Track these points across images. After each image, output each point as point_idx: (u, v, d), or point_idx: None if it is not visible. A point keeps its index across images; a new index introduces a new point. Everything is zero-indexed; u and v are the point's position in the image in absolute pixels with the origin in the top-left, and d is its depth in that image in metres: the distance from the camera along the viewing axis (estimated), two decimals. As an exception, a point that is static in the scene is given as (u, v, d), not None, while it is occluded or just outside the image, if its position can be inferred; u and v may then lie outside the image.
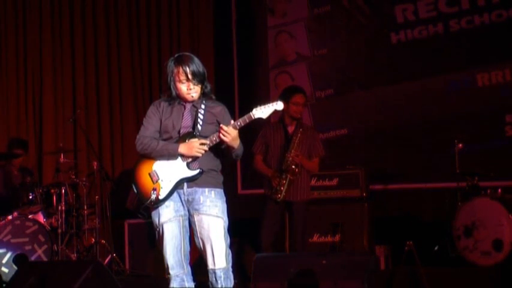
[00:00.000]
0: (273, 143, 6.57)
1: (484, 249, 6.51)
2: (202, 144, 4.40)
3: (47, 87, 8.60)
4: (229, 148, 4.45)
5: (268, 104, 4.41)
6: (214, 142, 4.42)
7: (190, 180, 4.46)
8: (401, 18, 7.99)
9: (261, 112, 4.40)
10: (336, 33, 8.37)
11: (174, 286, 4.50)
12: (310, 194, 6.70)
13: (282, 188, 6.38)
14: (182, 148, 4.44)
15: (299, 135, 6.47)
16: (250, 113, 4.39)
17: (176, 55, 4.54)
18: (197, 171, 4.45)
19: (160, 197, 4.45)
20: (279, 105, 4.43)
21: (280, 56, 8.68)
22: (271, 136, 6.60)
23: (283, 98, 6.48)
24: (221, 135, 4.35)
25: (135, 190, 4.54)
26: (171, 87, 4.50)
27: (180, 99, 4.52)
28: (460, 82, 7.72)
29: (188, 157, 4.43)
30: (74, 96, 8.66)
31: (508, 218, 6.46)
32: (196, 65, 4.44)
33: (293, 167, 6.37)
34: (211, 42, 8.83)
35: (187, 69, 4.41)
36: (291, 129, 6.59)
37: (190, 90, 4.45)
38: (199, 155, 4.42)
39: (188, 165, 4.46)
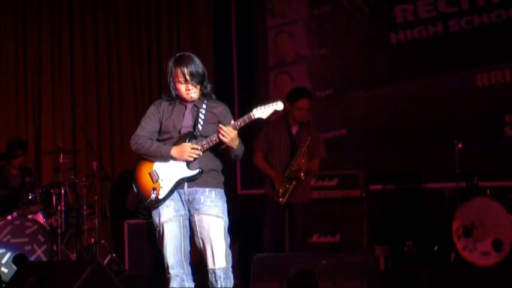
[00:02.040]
0: (276, 143, 6.49)
1: (484, 249, 6.51)
2: (194, 148, 4.39)
3: (46, 88, 8.60)
4: (228, 148, 4.44)
5: (268, 104, 4.40)
6: (213, 142, 4.41)
7: (190, 180, 4.45)
8: (401, 18, 7.98)
9: (261, 112, 4.39)
10: (336, 34, 8.36)
11: (174, 286, 4.50)
12: (310, 194, 6.66)
13: (286, 193, 6.32)
14: (174, 151, 4.43)
15: (308, 142, 6.33)
16: (250, 113, 4.38)
17: (176, 55, 4.53)
18: (197, 171, 4.44)
19: (160, 197, 4.45)
20: (279, 106, 4.41)
21: (280, 56, 8.67)
22: (275, 135, 6.50)
23: (289, 100, 6.43)
24: (220, 135, 4.34)
25: (135, 190, 4.55)
26: (171, 87, 4.50)
27: (181, 99, 4.52)
28: (459, 82, 7.70)
29: (180, 160, 4.43)
30: (73, 96, 8.65)
31: (508, 218, 6.46)
32: (196, 65, 4.43)
33: (301, 174, 6.28)
34: (211, 42, 8.82)
35: (185, 70, 4.41)
36: (294, 130, 6.51)
37: (189, 90, 4.45)
38: (191, 159, 4.41)
39: (188, 165, 4.45)
